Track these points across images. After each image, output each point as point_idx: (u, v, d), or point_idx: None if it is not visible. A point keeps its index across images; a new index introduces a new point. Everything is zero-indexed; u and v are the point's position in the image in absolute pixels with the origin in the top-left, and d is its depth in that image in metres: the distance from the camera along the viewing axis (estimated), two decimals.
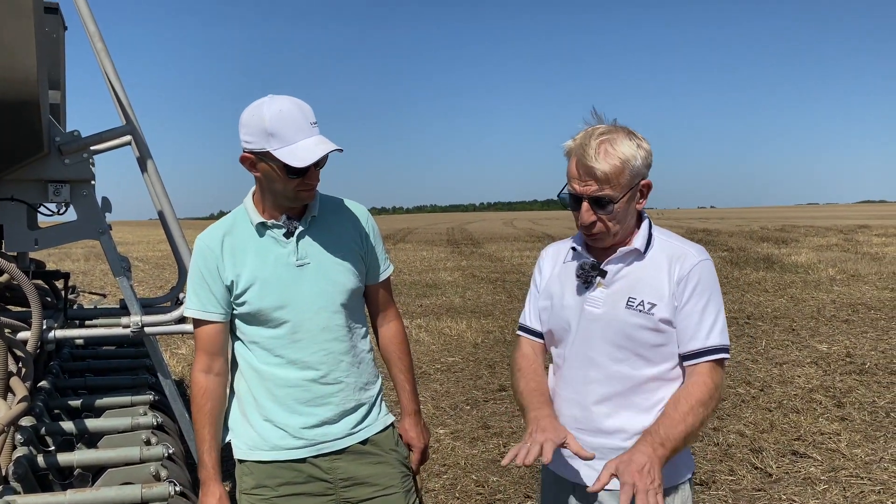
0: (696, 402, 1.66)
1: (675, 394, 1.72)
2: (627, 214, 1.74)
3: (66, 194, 2.90)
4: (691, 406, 1.65)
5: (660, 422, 1.65)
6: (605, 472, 1.55)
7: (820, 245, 21.23)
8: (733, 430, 5.10)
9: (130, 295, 2.95)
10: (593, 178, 1.67)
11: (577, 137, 1.73)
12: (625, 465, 1.53)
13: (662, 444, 1.59)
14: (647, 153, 1.70)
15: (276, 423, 1.95)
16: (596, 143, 1.68)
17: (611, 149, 1.67)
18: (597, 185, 1.67)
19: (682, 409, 1.65)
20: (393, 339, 2.17)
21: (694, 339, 1.72)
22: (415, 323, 9.43)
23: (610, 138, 1.68)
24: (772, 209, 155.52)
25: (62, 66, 3.56)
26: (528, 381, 1.88)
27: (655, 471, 1.53)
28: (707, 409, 1.67)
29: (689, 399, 1.67)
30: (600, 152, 1.66)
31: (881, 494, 3.99)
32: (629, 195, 1.71)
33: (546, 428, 1.67)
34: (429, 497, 4.12)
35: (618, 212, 1.71)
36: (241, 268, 1.91)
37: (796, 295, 11.25)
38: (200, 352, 1.95)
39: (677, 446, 1.63)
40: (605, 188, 1.67)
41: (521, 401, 1.87)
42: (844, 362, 6.96)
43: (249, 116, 1.81)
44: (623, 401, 1.76)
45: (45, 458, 2.35)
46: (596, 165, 1.66)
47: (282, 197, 1.89)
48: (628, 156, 1.67)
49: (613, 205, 1.68)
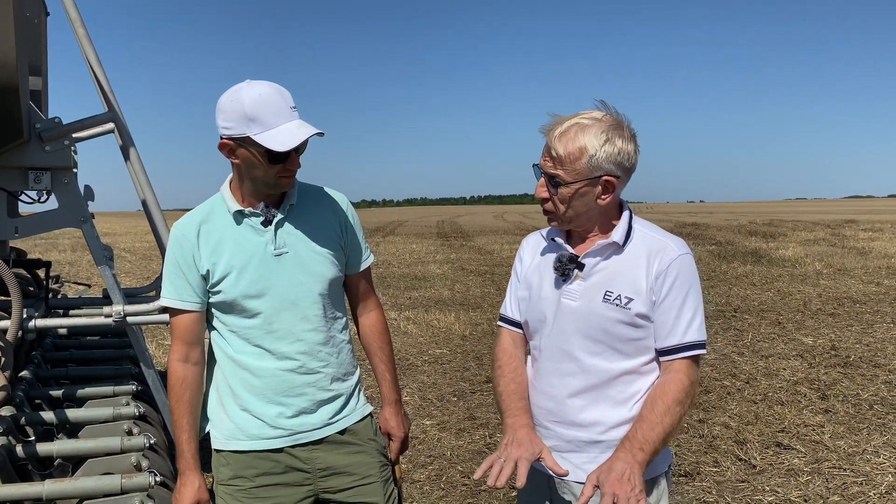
0: (672, 401, 1.66)
1: (651, 394, 1.71)
2: (585, 205, 1.72)
3: (46, 182, 2.86)
4: (668, 406, 1.65)
5: (637, 426, 1.64)
6: (588, 486, 1.55)
7: (807, 239, 21.36)
8: (718, 421, 5.13)
9: (113, 284, 2.92)
10: (550, 156, 1.71)
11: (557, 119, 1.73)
12: (605, 474, 1.54)
13: (641, 448, 1.59)
14: (618, 151, 1.66)
15: (254, 413, 1.93)
16: (568, 124, 1.69)
17: (575, 135, 1.67)
18: (552, 163, 1.71)
19: (659, 410, 1.65)
20: (373, 328, 2.16)
21: (671, 335, 1.71)
22: (403, 315, 9.42)
23: (583, 126, 1.68)
24: (760, 204, 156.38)
25: (43, 51, 3.51)
26: (507, 381, 1.87)
27: (636, 477, 1.54)
28: (683, 408, 1.67)
29: (665, 399, 1.66)
30: (566, 135, 1.68)
31: (864, 486, 4.02)
32: (585, 185, 1.69)
33: (522, 442, 1.67)
34: (414, 488, 4.12)
35: (567, 196, 1.70)
36: (218, 256, 1.89)
37: (783, 289, 11.32)
38: (177, 341, 1.93)
39: (657, 448, 1.63)
40: (557, 168, 1.69)
41: (499, 403, 1.86)
42: (829, 355, 7.00)
43: (228, 101, 1.78)
44: (598, 394, 1.75)
45: (24, 448, 2.33)
46: (554, 145, 1.69)
47: (261, 183, 1.86)
48: (588, 146, 1.66)
49: (561, 187, 1.70)
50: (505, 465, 1.61)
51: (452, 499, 3.99)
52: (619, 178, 1.71)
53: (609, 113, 1.71)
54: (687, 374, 1.70)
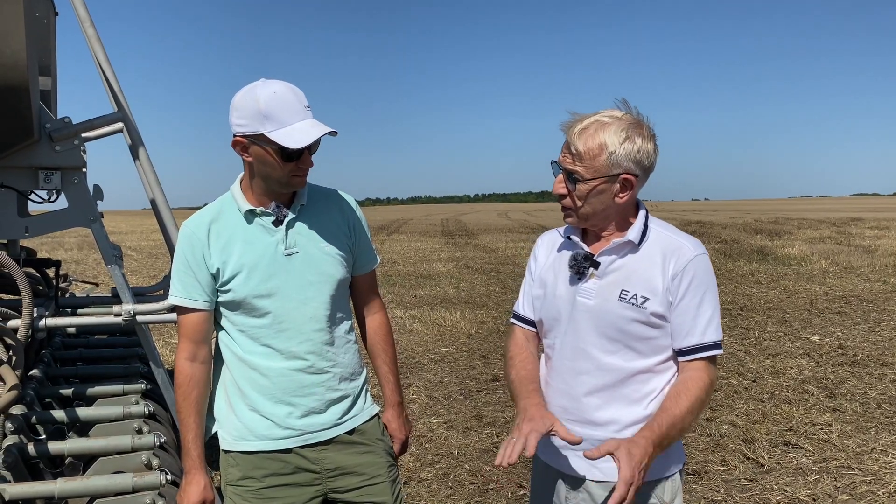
0: (695, 399, 1.67)
1: (675, 388, 1.71)
2: (602, 202, 1.72)
3: (56, 182, 2.87)
4: (691, 404, 1.66)
5: (662, 417, 1.64)
6: (605, 448, 1.54)
7: (813, 237, 21.29)
8: (725, 420, 5.12)
9: (122, 283, 2.93)
10: (569, 152, 1.71)
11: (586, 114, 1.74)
12: (626, 457, 1.52)
13: (661, 442, 1.60)
14: (637, 149, 1.67)
15: (263, 413, 1.94)
16: (588, 122, 1.69)
17: (595, 132, 1.68)
18: (571, 159, 1.71)
19: (683, 405, 1.66)
20: (378, 330, 2.16)
21: (690, 336, 1.72)
22: (409, 313, 9.42)
23: (603, 123, 1.68)
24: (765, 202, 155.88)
25: (53, 51, 3.52)
26: (518, 369, 1.88)
27: (646, 467, 1.55)
28: (703, 406, 1.70)
29: (689, 396, 1.67)
30: (586, 131, 1.68)
31: (872, 485, 4.01)
32: (603, 182, 1.69)
33: (533, 417, 1.67)
34: (422, 486, 4.13)
35: (585, 193, 1.71)
36: (228, 255, 1.89)
37: (789, 287, 11.29)
38: (185, 339, 1.93)
39: (672, 442, 1.65)
40: (576, 165, 1.70)
41: (512, 390, 1.86)
42: (836, 354, 6.98)
43: (243, 99, 1.78)
44: (614, 392, 1.75)
45: (35, 447, 2.34)
46: (573, 141, 1.70)
47: (274, 182, 1.87)
48: (608, 143, 1.67)
49: (579, 184, 1.70)
50: (516, 442, 1.60)
51: (460, 497, 3.99)
52: (638, 176, 1.71)
53: (629, 112, 1.72)
54: (707, 372, 1.72)
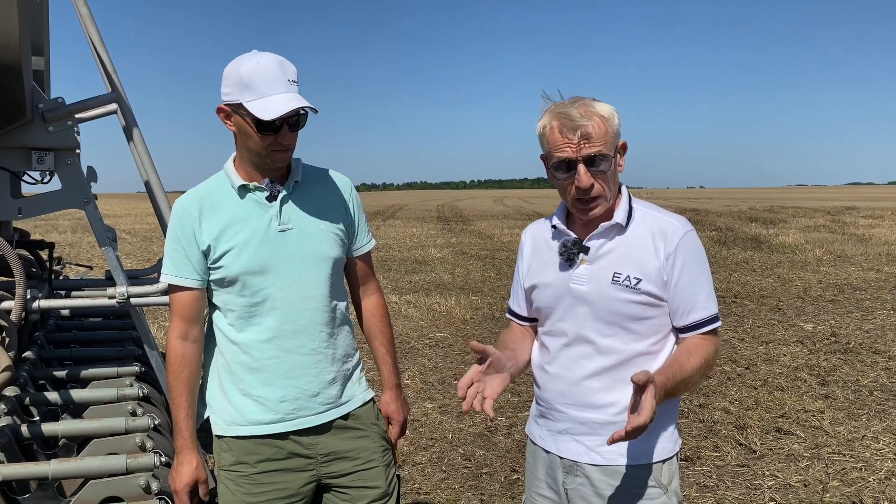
0: (703, 360, 1.68)
1: (686, 345, 1.71)
2: (616, 176, 1.74)
3: (50, 162, 2.84)
4: (700, 363, 1.67)
5: (674, 368, 1.63)
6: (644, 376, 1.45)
7: (807, 226, 21.35)
8: (718, 406, 5.15)
9: (116, 265, 2.91)
10: (586, 138, 1.65)
11: (547, 113, 1.71)
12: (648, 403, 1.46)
13: (670, 392, 1.60)
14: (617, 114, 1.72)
15: (255, 398, 1.92)
16: (575, 107, 1.67)
17: (591, 109, 1.67)
18: (589, 143, 1.66)
19: (694, 362, 1.66)
20: (374, 312, 2.15)
21: (693, 312, 1.73)
22: (404, 299, 9.43)
23: (584, 102, 1.69)
24: (760, 190, 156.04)
25: (46, 31, 3.48)
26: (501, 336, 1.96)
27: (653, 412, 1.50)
28: (709, 370, 1.71)
29: (699, 355, 1.68)
30: (585, 114, 1.66)
31: (863, 471, 4.05)
32: (617, 152, 1.72)
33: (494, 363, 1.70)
34: (416, 470, 4.15)
35: (613, 171, 1.71)
36: (220, 231, 1.87)
37: (783, 275, 11.33)
38: (176, 318, 1.92)
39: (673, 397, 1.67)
40: (598, 145, 1.66)
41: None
42: (829, 341, 7.03)
43: (230, 68, 1.80)
44: (614, 375, 1.75)
45: (29, 428, 2.34)
46: (586, 123, 1.65)
47: (255, 155, 1.85)
48: (608, 114, 1.68)
49: (608, 161, 1.68)
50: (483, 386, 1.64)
51: (454, 481, 4.01)
52: None
53: (562, 98, 1.73)
54: (713, 343, 1.74)
